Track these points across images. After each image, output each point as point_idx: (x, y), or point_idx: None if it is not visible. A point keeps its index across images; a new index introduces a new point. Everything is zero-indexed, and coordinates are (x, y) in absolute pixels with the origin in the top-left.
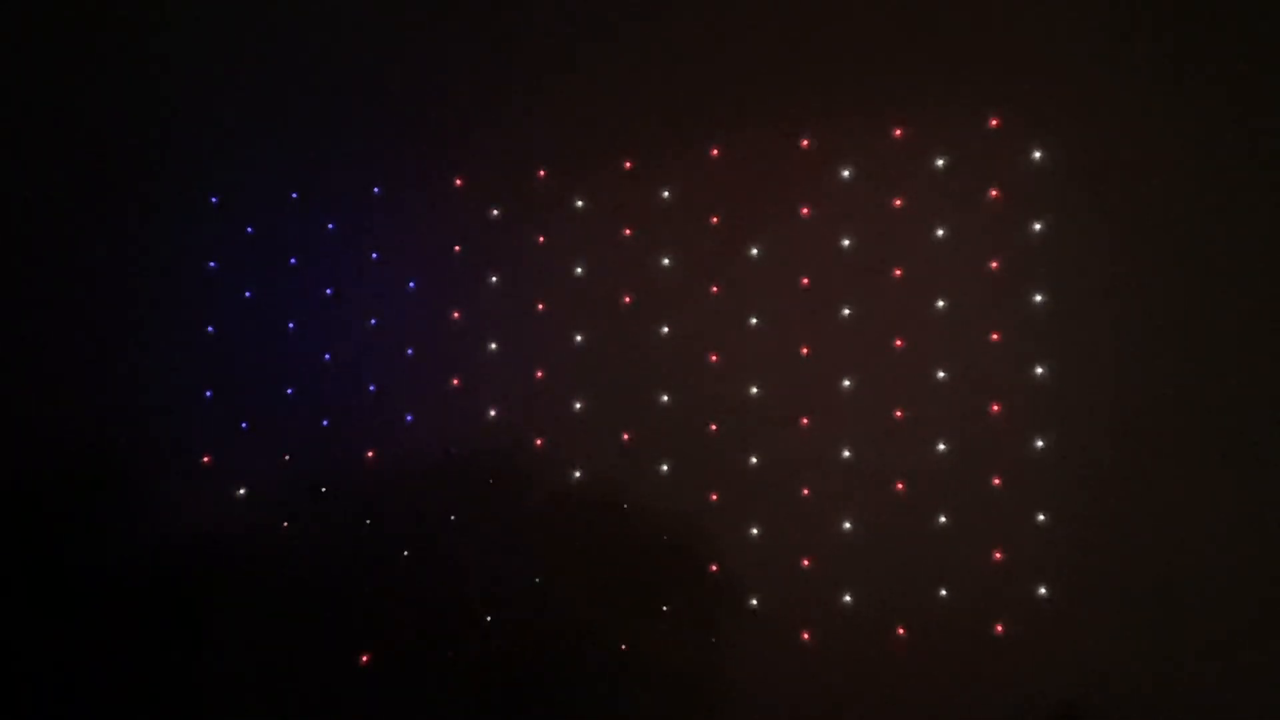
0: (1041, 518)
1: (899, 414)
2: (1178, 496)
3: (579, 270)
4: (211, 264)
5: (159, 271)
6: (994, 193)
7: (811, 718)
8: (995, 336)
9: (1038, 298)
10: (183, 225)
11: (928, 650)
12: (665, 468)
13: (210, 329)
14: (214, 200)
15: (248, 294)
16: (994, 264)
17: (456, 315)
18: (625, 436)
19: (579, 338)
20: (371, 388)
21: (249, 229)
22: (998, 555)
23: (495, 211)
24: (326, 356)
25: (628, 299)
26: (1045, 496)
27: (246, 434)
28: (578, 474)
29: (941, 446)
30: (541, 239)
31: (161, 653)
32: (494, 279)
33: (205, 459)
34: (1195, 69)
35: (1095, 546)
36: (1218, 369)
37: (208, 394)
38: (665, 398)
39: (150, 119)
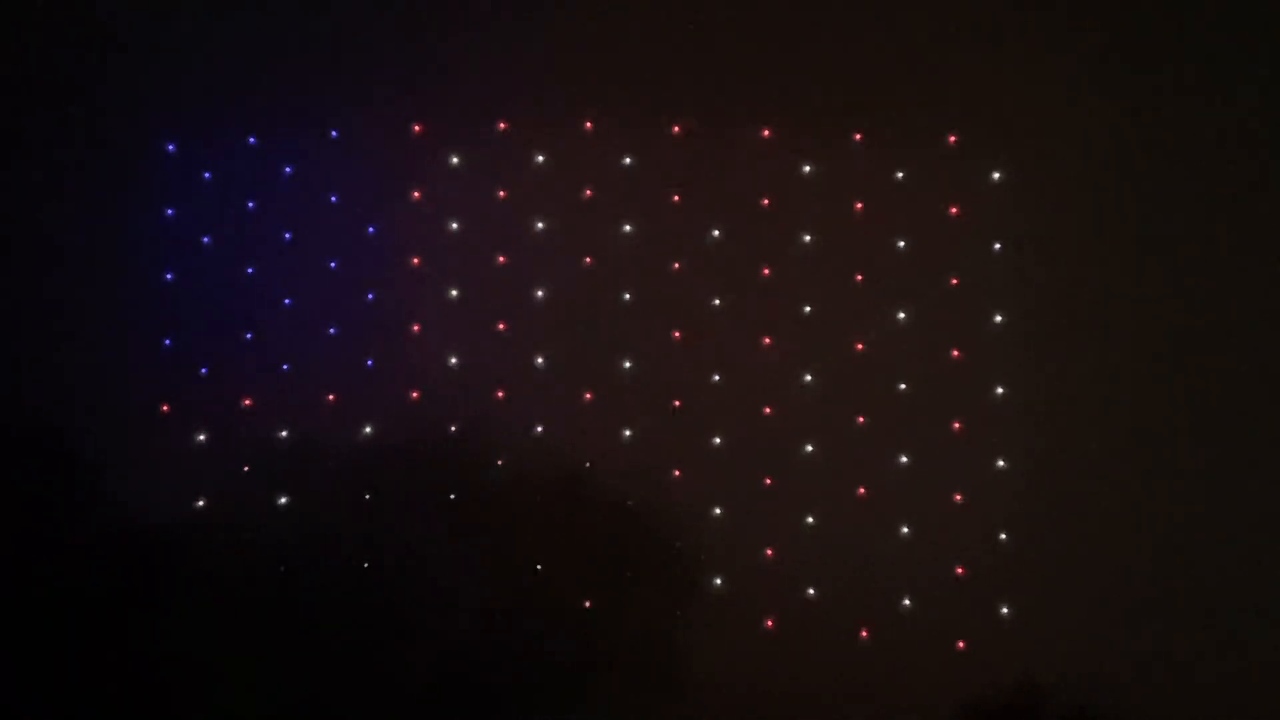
0: (1004, 537)
1: (861, 420)
2: (1138, 510)
3: (540, 226)
4: (169, 211)
5: (116, 220)
6: (953, 210)
7: (772, 700)
8: (956, 353)
9: (998, 317)
10: (139, 173)
11: (888, 649)
12: (628, 433)
13: (169, 276)
14: (170, 148)
15: (206, 239)
16: (954, 280)
17: (416, 261)
18: (587, 396)
19: (540, 293)
20: (333, 330)
21: (206, 175)
22: (959, 570)
23: (455, 160)
24: (287, 301)
25: (589, 260)
26: (1007, 514)
27: (206, 379)
28: (539, 429)
29: (903, 459)
30: (502, 193)
31: (121, 610)
32: (454, 226)
33: (164, 408)
34: (1152, 91)
35: (1056, 561)
36: (1178, 382)
37: (166, 342)
38: (627, 364)
39: (104, 63)
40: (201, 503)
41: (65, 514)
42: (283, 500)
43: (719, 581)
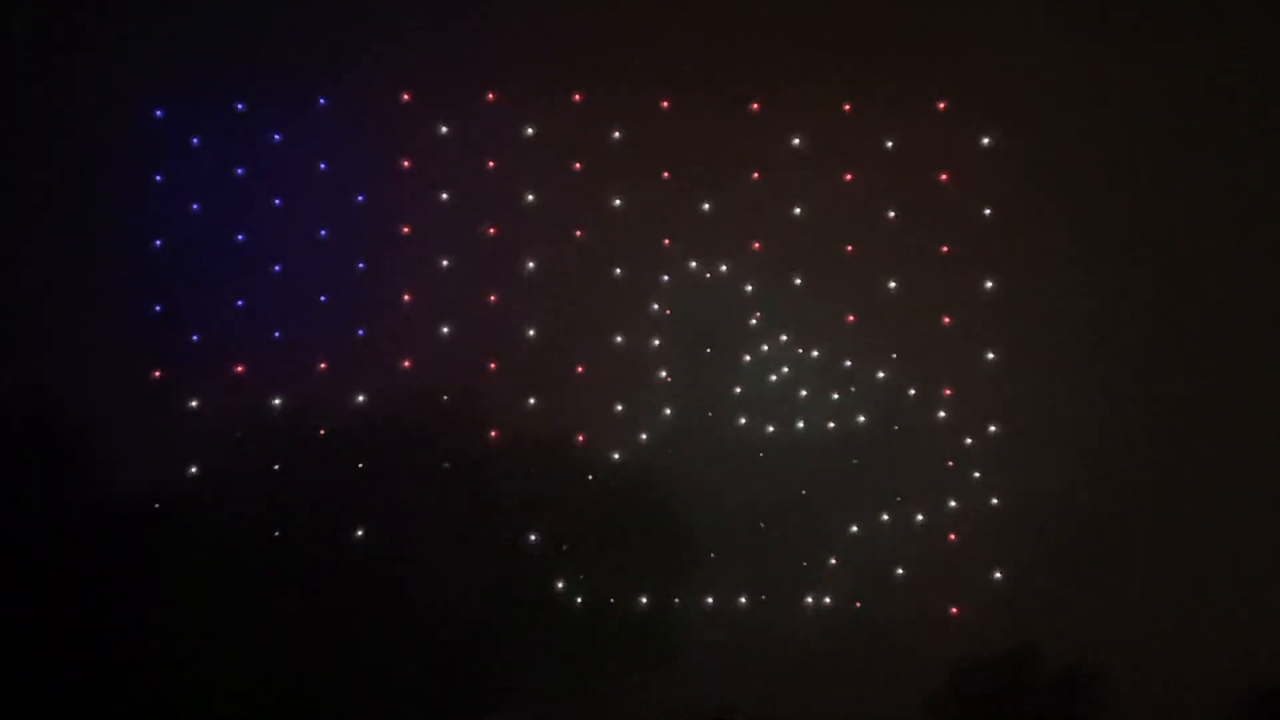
0: (995, 501)
1: (852, 389)
2: (1127, 476)
3: (530, 198)
4: (157, 177)
5: (104, 187)
6: (943, 176)
7: (766, 674)
8: (946, 320)
9: (988, 284)
10: (126, 139)
11: (882, 619)
12: (620, 407)
13: (158, 243)
14: (159, 114)
15: (195, 206)
16: (944, 248)
17: (406, 230)
18: (579, 369)
19: (531, 265)
20: (323, 298)
21: (194, 140)
22: (952, 537)
23: (444, 129)
24: (276, 268)
25: (579, 234)
26: (997, 479)
27: (198, 345)
28: (531, 401)
29: (895, 427)
30: (491, 164)
31: (112, 574)
32: (444, 196)
33: (156, 374)
34: (1144, 56)
35: (1047, 525)
36: (1167, 352)
37: (157, 308)
38: (619, 339)
39: (88, 28)
40: (193, 470)
41: (54, 485)
42: (274, 468)
43: (713, 555)
